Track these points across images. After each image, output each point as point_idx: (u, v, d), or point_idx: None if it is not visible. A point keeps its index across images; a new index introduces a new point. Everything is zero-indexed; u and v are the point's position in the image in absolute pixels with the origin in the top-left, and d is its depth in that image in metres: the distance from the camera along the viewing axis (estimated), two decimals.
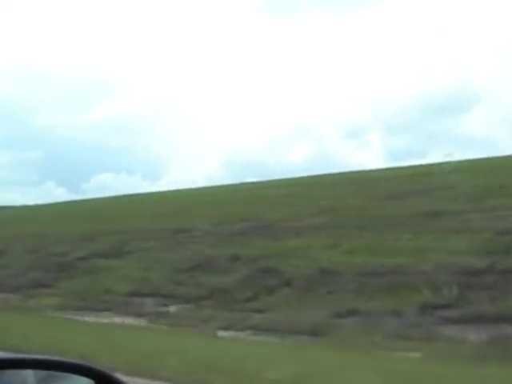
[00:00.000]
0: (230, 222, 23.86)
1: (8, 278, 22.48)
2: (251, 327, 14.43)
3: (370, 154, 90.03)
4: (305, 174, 41.02)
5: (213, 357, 9.32)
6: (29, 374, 1.94)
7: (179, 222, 25.78)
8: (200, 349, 10.44)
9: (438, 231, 17.45)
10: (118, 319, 16.66)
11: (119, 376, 2.18)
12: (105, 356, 8.60)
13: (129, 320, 16.48)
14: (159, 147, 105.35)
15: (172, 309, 17.26)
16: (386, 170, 34.08)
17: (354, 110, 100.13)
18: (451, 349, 10.36)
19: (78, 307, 18.42)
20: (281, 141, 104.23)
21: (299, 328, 13.32)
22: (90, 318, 16.87)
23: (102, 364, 3.23)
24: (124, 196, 42.76)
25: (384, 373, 7.98)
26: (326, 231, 20.12)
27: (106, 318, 16.94)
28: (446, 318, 12.53)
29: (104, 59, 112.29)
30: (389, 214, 20.47)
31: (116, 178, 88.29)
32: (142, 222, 26.92)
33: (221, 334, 13.96)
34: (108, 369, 2.06)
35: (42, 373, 1.96)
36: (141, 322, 16.30)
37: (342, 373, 8.19)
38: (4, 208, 46.97)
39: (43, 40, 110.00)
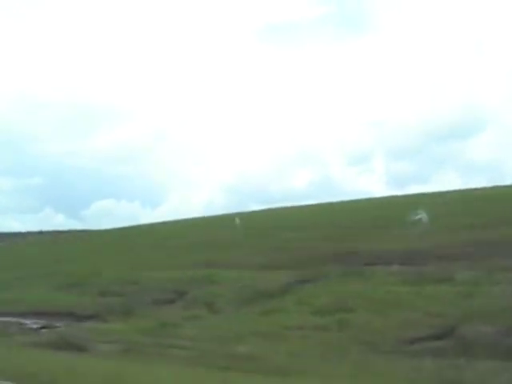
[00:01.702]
0: None
1: None
2: None
3: (373, 180, 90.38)
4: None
5: None
6: None
7: None
8: None
9: None
10: None
11: None
12: None
13: None
14: (160, 174, 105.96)
15: None
16: None
17: (357, 135, 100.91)
18: None
19: None
20: (283, 167, 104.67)
21: None
22: None
23: None
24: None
25: None
26: None
27: None
28: None
29: (105, 88, 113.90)
30: None
31: (116, 204, 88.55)
32: None
33: None
34: None
35: None
36: None
37: None
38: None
39: (45, 69, 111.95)
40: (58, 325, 19.91)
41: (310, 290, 19.19)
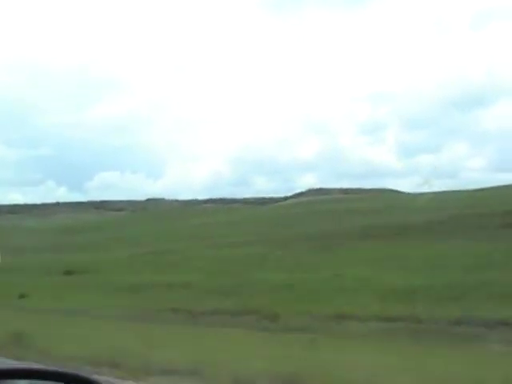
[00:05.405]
0: None
1: None
2: None
3: (383, 150, 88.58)
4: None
5: None
6: None
7: None
8: None
9: None
10: None
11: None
12: None
13: None
14: (163, 145, 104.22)
15: None
16: None
17: (368, 105, 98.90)
18: None
19: None
20: (291, 137, 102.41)
21: None
22: None
23: None
24: None
25: None
26: None
27: None
28: None
29: (107, 59, 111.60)
30: None
31: (119, 176, 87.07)
32: None
33: None
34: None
35: (38, 383, 2.06)
36: None
37: None
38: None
39: (47, 40, 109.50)
40: None
41: None
